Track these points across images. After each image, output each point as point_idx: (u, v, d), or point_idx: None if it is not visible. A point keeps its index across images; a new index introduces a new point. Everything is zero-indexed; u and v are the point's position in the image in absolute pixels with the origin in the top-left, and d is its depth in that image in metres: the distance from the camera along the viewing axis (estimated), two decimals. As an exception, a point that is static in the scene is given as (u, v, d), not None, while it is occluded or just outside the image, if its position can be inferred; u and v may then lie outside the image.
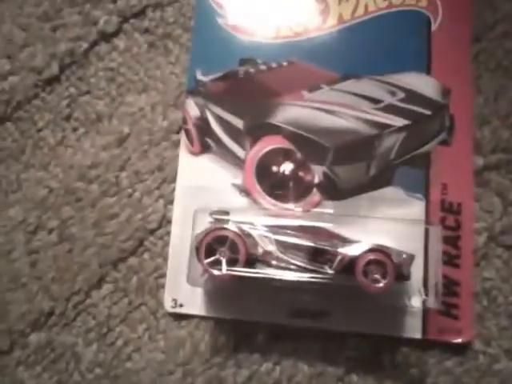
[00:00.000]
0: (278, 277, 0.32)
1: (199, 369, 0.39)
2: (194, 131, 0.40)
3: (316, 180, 0.37)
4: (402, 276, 0.32)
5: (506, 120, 0.39)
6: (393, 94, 0.38)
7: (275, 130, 0.38)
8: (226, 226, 0.33)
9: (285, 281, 0.33)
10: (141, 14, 0.45)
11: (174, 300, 0.39)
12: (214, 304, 0.38)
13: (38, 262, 0.43)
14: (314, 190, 0.37)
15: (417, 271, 0.34)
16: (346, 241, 0.34)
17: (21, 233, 0.43)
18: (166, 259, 0.40)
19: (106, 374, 0.41)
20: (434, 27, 0.39)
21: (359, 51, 0.39)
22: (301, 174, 0.37)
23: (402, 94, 0.37)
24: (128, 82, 0.45)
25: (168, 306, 0.39)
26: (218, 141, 0.39)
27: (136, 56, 0.45)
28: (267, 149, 0.38)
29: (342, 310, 0.36)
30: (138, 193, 0.42)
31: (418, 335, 0.36)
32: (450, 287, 0.36)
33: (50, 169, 0.44)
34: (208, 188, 0.38)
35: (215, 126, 0.39)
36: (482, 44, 0.40)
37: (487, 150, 0.38)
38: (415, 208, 0.36)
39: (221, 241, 0.33)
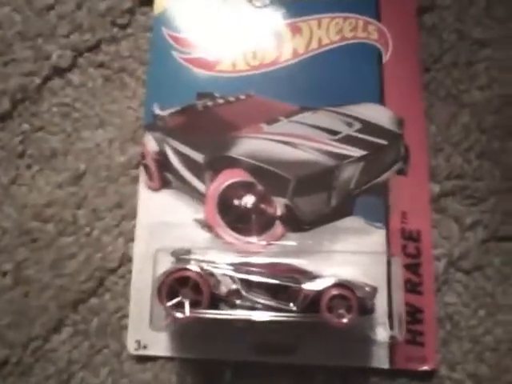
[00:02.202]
0: (242, 318, 0.32)
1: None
2: (153, 166, 0.39)
3: (278, 212, 0.37)
4: (366, 310, 0.32)
5: (458, 147, 0.40)
6: (349, 125, 0.38)
7: (235, 163, 0.38)
8: (187, 266, 0.33)
9: (250, 321, 0.32)
10: (95, 48, 0.45)
11: (138, 341, 0.37)
12: (179, 344, 0.37)
13: (-9, 307, 0.41)
14: (277, 222, 0.37)
15: (381, 302, 0.35)
16: (309, 275, 0.34)
17: (-29, 278, 0.41)
18: (128, 299, 0.39)
19: (68, 424, 0.39)
20: (385, 59, 0.40)
21: (315, 84, 0.40)
22: (263, 206, 0.37)
23: (358, 125, 0.38)
24: (84, 118, 0.44)
25: (131, 348, 0.38)
26: (178, 175, 0.39)
27: (91, 90, 0.44)
28: (228, 182, 0.38)
29: (308, 344, 0.36)
30: (96, 231, 0.41)
31: (385, 365, 0.36)
32: (414, 315, 0.36)
33: (3, 208, 0.42)
34: (169, 224, 0.38)
35: (174, 160, 0.39)
36: (432, 74, 0.42)
37: (442, 177, 0.40)
38: (376, 236, 0.37)
39: (183, 282, 0.32)
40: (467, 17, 0.42)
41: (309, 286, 0.32)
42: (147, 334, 0.37)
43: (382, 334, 0.35)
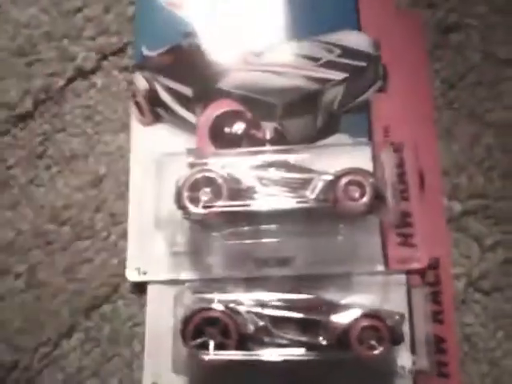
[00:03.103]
0: (273, 358, 0.31)
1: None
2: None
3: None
4: (396, 339, 0.31)
5: (480, 166, 0.40)
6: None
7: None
8: (212, 305, 0.32)
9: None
10: (120, 51, 0.45)
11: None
12: None
13: (1, 309, 0.40)
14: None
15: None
16: (336, 307, 0.33)
17: (-17, 278, 0.40)
18: (142, 307, 0.39)
19: (75, 432, 0.38)
20: None
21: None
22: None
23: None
24: (106, 121, 0.43)
25: None
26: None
27: (115, 94, 0.44)
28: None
29: (334, 379, 0.35)
30: (113, 236, 0.40)
31: None
32: (436, 345, 0.36)
33: (20, 209, 0.42)
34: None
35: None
36: (456, 92, 0.42)
37: (464, 195, 0.39)
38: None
39: (209, 322, 0.31)
40: (493, 37, 0.42)
41: (337, 319, 0.32)
42: (163, 375, 0.36)
43: (408, 365, 0.34)
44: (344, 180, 0.33)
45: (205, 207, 0.33)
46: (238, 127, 0.39)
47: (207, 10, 0.44)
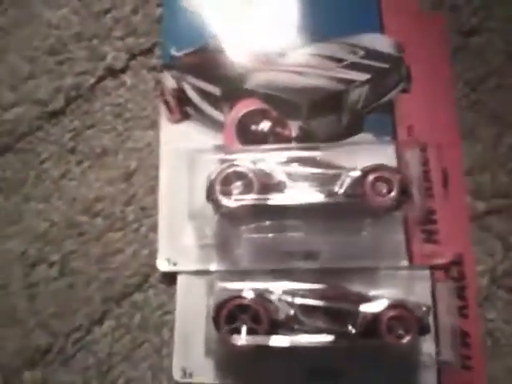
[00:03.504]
0: (303, 343, 0.33)
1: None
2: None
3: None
4: (423, 329, 0.33)
5: (504, 166, 0.41)
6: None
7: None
8: (244, 293, 0.34)
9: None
10: (149, 51, 0.46)
11: (183, 369, 0.38)
12: (227, 371, 0.37)
13: (36, 296, 0.42)
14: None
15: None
16: (364, 298, 0.34)
17: (19, 266, 0.42)
18: (171, 296, 0.40)
19: (106, 415, 0.39)
20: None
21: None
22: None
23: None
24: (135, 118, 0.45)
25: (177, 375, 0.38)
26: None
27: (143, 92, 0.45)
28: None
29: (356, 370, 0.37)
30: (144, 228, 0.42)
31: None
32: (460, 338, 0.37)
33: (53, 202, 0.44)
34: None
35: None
36: (477, 95, 0.43)
37: (488, 195, 0.40)
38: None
39: (242, 309, 0.33)
40: (514, 40, 0.43)
41: (366, 309, 0.33)
42: (193, 361, 0.38)
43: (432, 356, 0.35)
44: (372, 176, 0.34)
45: (236, 200, 0.34)
46: (264, 125, 0.41)
47: (231, 13, 0.45)
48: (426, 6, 0.44)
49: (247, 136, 0.41)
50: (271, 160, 0.36)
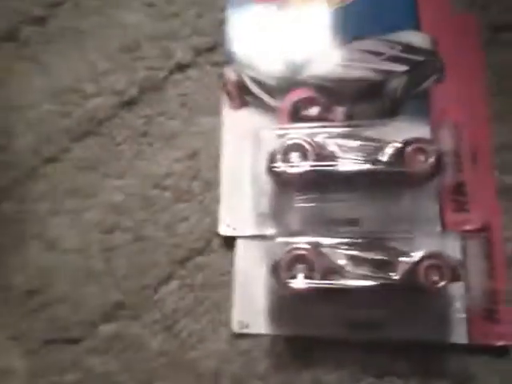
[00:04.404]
0: (353, 286, 0.37)
1: (260, 356, 0.43)
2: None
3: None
4: (455, 277, 0.37)
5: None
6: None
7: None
8: (299, 245, 0.39)
9: (355, 291, 0.38)
10: (212, 49, 0.53)
11: (241, 321, 0.44)
12: (277, 322, 0.43)
13: (111, 259, 0.48)
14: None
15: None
16: (401, 252, 0.39)
17: (97, 232, 0.49)
18: (230, 259, 0.46)
19: (171, 362, 0.45)
20: None
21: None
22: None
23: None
24: (199, 106, 0.51)
25: (236, 327, 0.44)
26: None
27: (207, 84, 0.52)
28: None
29: (393, 321, 0.41)
30: (207, 199, 0.48)
31: (464, 341, 0.41)
32: (489, 296, 0.41)
33: (127, 178, 0.50)
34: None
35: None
36: (506, 82, 0.48)
37: (515, 169, 0.45)
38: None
39: (298, 259, 0.38)
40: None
41: (405, 259, 0.38)
42: (249, 314, 0.44)
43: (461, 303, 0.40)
44: (411, 146, 0.39)
45: (294, 166, 0.39)
46: (314, 110, 0.46)
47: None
48: (459, 5, 0.49)
49: (299, 120, 0.46)
50: (323, 135, 0.42)
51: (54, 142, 0.52)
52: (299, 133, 0.41)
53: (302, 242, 0.39)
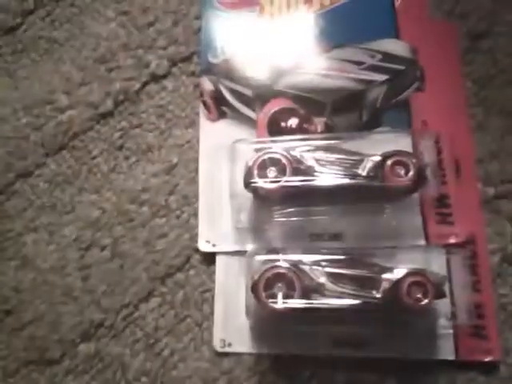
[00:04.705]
0: (333, 304, 0.37)
1: (243, 376, 0.42)
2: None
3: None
4: (439, 294, 0.36)
5: (511, 155, 0.45)
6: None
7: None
8: (279, 264, 0.38)
9: (337, 309, 0.37)
10: (188, 59, 0.52)
11: (223, 340, 0.43)
12: (260, 341, 0.42)
13: (90, 276, 0.47)
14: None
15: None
16: (383, 269, 0.39)
17: (74, 250, 0.48)
18: (210, 275, 0.45)
19: (153, 381, 0.44)
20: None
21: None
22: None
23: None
24: (176, 118, 0.50)
25: (217, 346, 0.43)
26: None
27: (183, 95, 0.51)
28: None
29: (378, 338, 0.40)
30: (185, 214, 0.47)
31: (451, 357, 0.40)
32: (475, 310, 0.40)
33: (103, 192, 0.49)
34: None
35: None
36: (487, 91, 0.47)
37: (497, 181, 0.44)
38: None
39: (278, 278, 0.37)
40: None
41: (388, 276, 0.37)
42: (231, 332, 0.43)
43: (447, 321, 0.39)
44: (391, 160, 0.38)
45: (272, 182, 0.39)
46: (293, 121, 0.45)
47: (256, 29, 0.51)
48: (438, 14, 0.49)
49: (277, 132, 0.46)
50: (300, 148, 0.41)
51: (27, 156, 0.50)
52: (276, 146, 0.40)
53: (282, 259, 0.38)
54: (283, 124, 0.46)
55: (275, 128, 0.46)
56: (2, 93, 0.53)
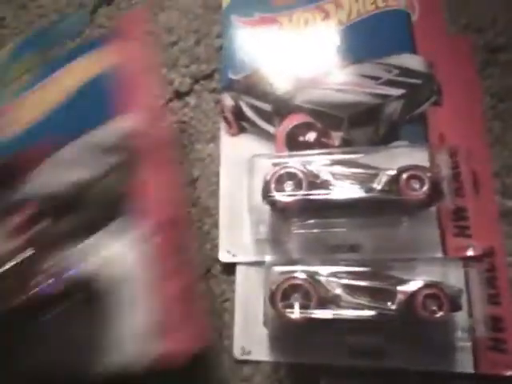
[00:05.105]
0: (349, 316, 0.37)
1: (262, 382, 0.43)
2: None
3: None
4: (455, 307, 0.36)
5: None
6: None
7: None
8: (296, 275, 0.39)
9: (352, 320, 0.37)
10: (210, 76, 0.54)
11: (243, 348, 0.44)
12: (278, 349, 0.42)
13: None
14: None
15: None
16: (399, 281, 0.39)
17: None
18: (230, 285, 0.46)
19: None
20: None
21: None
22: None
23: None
24: (198, 133, 0.52)
25: (237, 353, 0.44)
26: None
27: (205, 111, 0.53)
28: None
29: (395, 349, 0.40)
30: (207, 226, 0.48)
31: (470, 370, 0.40)
32: (494, 324, 0.40)
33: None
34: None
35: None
36: (506, 104, 0.47)
37: (515, 193, 0.44)
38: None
39: (294, 288, 0.38)
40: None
41: (403, 288, 0.37)
42: (251, 340, 0.44)
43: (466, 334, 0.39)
44: (406, 174, 0.39)
45: (289, 196, 0.40)
46: (310, 136, 0.46)
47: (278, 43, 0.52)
48: (454, 28, 0.50)
49: (295, 146, 0.47)
50: (317, 163, 0.42)
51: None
52: (294, 160, 0.41)
53: (299, 270, 0.39)
54: (301, 138, 0.47)
55: (293, 142, 0.47)
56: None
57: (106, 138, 0.43)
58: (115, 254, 0.38)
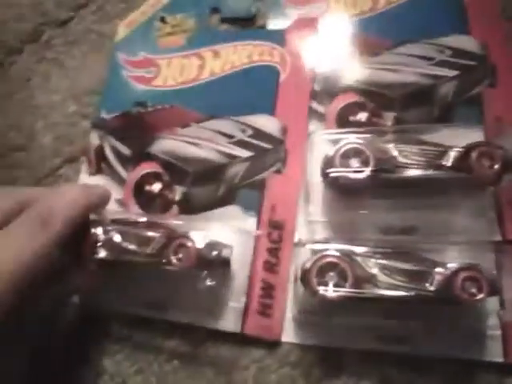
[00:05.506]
0: (386, 295, 0.33)
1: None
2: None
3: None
4: (494, 290, 0.35)
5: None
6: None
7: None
8: (331, 252, 0.34)
9: (387, 300, 0.33)
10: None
11: None
12: (307, 331, 0.37)
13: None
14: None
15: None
16: (436, 263, 0.36)
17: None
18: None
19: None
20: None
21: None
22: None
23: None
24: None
25: None
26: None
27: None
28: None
29: (426, 336, 0.36)
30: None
31: (499, 359, 0.36)
32: None
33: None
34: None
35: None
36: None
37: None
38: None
39: (329, 266, 0.34)
40: None
41: (441, 270, 0.35)
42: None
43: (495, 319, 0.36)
44: (476, 151, 0.36)
45: (356, 172, 0.34)
46: (362, 115, 0.42)
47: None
48: (509, 10, 0.48)
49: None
50: (381, 140, 0.37)
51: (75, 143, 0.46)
52: (355, 137, 0.36)
53: (333, 249, 0.34)
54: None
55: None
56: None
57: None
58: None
